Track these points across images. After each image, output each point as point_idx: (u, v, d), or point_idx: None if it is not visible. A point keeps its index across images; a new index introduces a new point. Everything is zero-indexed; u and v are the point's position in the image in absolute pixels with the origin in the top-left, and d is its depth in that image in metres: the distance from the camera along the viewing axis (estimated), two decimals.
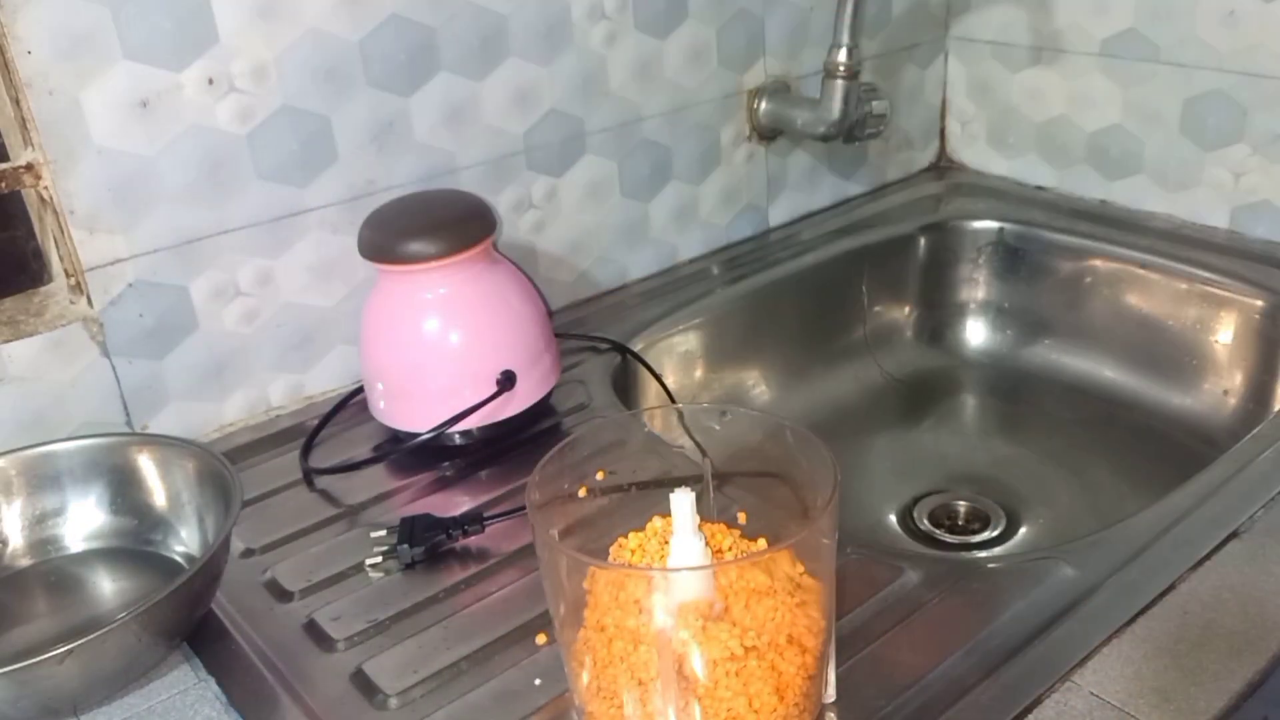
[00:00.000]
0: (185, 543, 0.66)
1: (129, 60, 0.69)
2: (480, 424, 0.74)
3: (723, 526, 0.52)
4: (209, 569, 0.58)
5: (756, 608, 0.46)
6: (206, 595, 0.60)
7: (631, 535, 0.52)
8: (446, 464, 0.74)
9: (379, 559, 0.64)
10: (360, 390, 0.81)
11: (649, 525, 0.52)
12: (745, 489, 0.57)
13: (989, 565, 0.62)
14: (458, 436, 0.74)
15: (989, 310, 1.09)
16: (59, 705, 0.54)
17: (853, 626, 0.56)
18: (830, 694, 0.51)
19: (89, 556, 0.66)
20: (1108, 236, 1.01)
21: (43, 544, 0.66)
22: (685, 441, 0.57)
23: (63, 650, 0.51)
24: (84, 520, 0.67)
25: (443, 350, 0.73)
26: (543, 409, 0.78)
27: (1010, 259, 1.07)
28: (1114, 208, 1.08)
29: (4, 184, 0.69)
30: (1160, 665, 0.52)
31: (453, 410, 0.72)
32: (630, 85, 0.93)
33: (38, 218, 0.73)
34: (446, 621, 0.59)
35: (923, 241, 1.09)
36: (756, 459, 0.56)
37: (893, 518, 0.90)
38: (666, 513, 0.49)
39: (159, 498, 0.67)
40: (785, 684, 0.46)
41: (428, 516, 0.66)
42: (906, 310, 1.10)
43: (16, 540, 0.66)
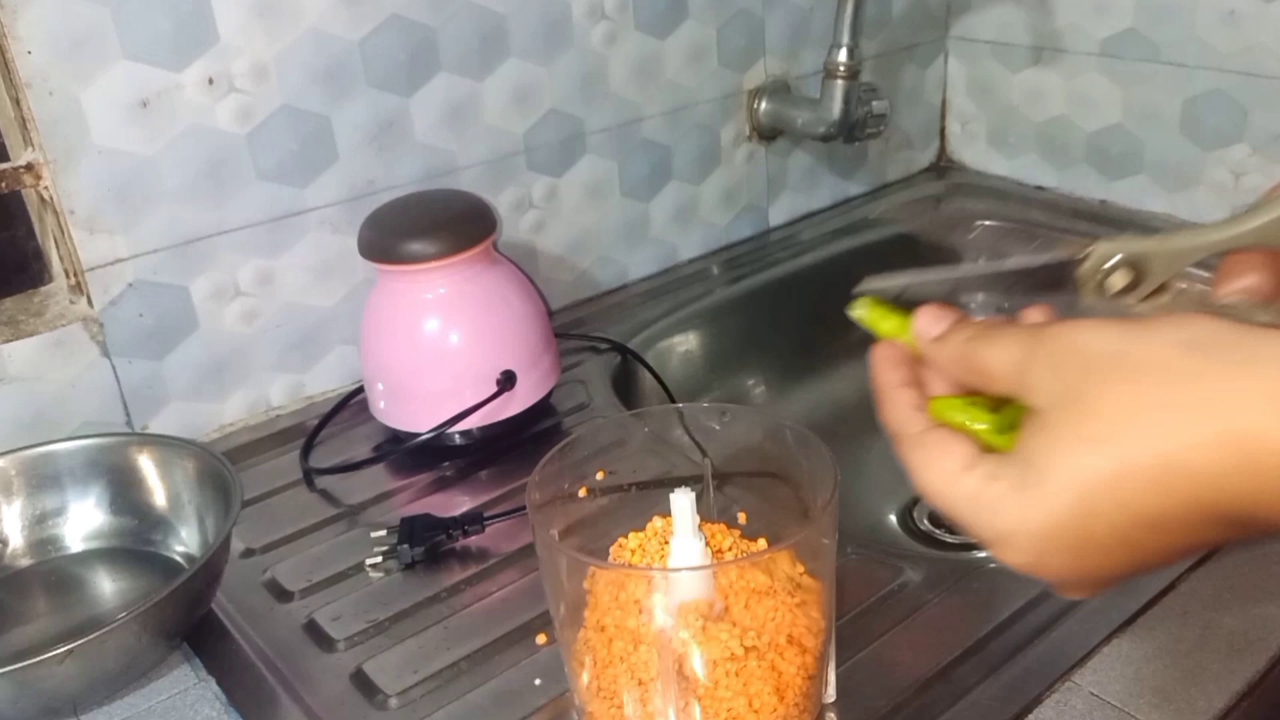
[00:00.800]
0: (185, 543, 0.66)
1: (129, 60, 0.69)
2: (480, 424, 0.74)
3: (723, 526, 0.52)
4: (209, 569, 0.58)
5: (756, 608, 0.46)
6: (206, 595, 0.60)
7: (631, 535, 0.52)
8: (446, 464, 0.74)
9: (379, 559, 0.64)
10: (360, 390, 0.81)
11: (649, 525, 0.52)
12: (745, 489, 0.57)
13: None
14: (458, 436, 0.74)
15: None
16: (59, 705, 0.54)
17: (853, 626, 0.56)
18: (830, 694, 0.51)
19: (89, 556, 0.66)
20: (1108, 236, 1.01)
21: (43, 544, 0.66)
22: (685, 441, 0.57)
23: (63, 650, 0.51)
24: (84, 520, 0.67)
25: (443, 350, 0.73)
26: (543, 409, 0.78)
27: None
28: (1114, 208, 1.08)
29: (4, 184, 0.69)
30: (1160, 665, 0.52)
31: (453, 410, 0.72)
32: (630, 85, 0.93)
33: (38, 218, 0.73)
34: (446, 621, 0.59)
35: (923, 242, 1.09)
36: (756, 459, 0.56)
37: (893, 518, 0.90)
38: (666, 513, 0.49)
39: (159, 498, 0.67)
40: (785, 684, 0.46)
41: (428, 516, 0.66)
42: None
43: (17, 540, 0.66)
